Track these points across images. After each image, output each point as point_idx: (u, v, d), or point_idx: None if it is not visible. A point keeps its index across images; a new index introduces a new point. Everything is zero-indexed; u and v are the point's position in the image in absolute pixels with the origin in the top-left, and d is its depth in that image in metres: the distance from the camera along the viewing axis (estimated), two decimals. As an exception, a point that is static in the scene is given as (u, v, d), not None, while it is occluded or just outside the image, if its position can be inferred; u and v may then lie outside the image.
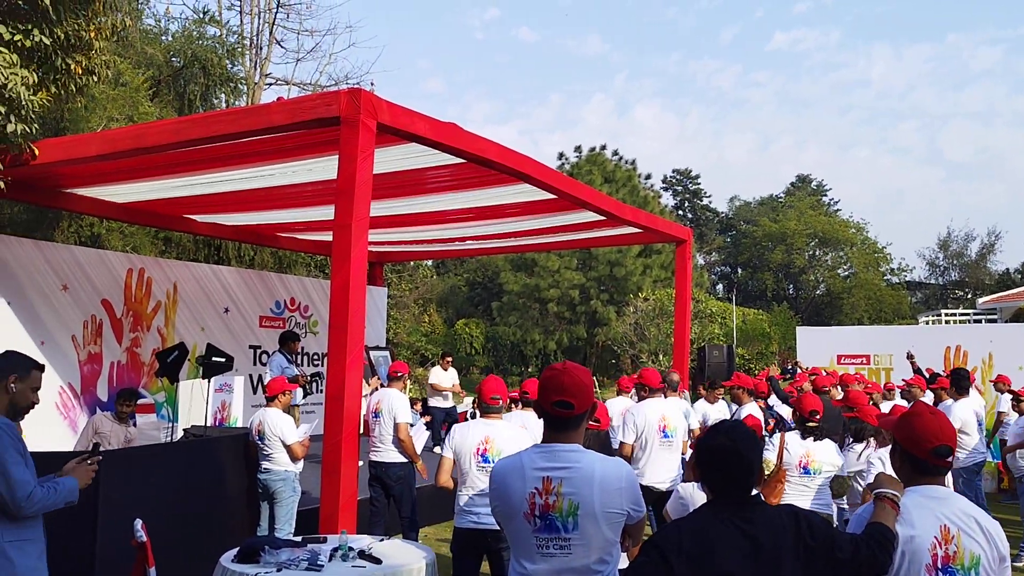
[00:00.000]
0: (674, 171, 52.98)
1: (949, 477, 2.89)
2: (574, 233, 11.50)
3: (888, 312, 38.16)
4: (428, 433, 8.03)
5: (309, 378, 9.85)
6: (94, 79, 7.25)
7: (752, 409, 7.70)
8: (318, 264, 19.71)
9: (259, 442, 6.48)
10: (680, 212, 51.24)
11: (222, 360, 8.94)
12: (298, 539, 4.55)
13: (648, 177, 37.29)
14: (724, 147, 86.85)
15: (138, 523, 4.07)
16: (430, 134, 6.20)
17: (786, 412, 8.30)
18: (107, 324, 10.07)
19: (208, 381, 9.00)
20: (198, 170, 7.75)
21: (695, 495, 4.39)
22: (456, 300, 37.97)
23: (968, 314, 25.40)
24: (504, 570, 4.33)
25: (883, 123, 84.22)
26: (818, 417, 5.35)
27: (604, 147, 33.17)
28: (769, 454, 5.25)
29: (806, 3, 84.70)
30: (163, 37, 18.73)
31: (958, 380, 8.33)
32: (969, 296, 38.27)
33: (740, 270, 49.51)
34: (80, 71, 6.98)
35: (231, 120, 6.31)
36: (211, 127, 6.33)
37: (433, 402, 12.40)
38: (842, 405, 6.38)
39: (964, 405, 8.13)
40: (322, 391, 6.88)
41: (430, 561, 4.15)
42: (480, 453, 4.56)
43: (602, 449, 5.39)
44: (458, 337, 31.83)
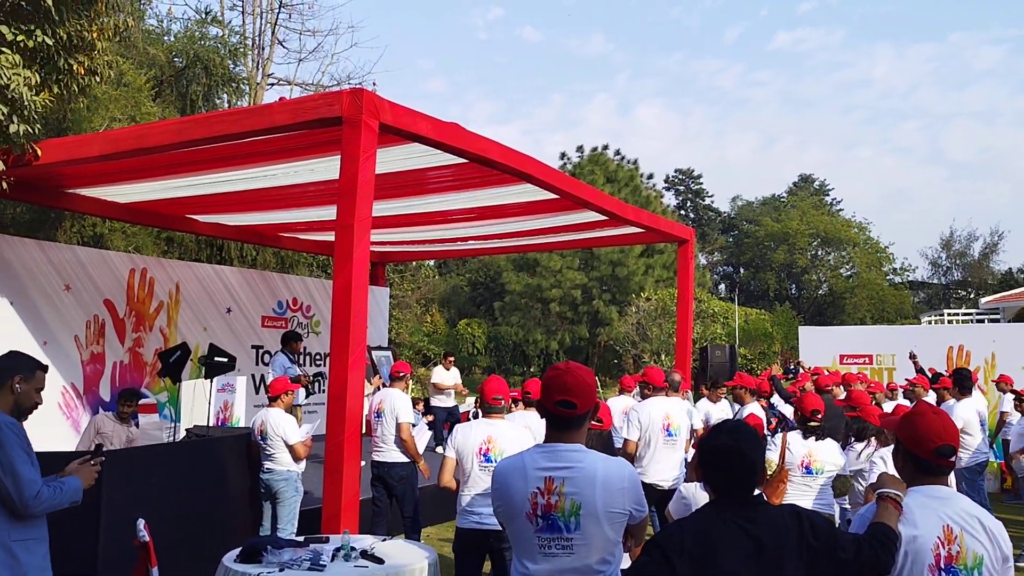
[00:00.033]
0: (676, 171, 53.07)
1: (952, 477, 2.89)
2: (576, 233, 11.50)
3: (891, 312, 38.14)
4: (430, 433, 8.03)
5: (311, 378, 9.86)
6: (96, 79, 7.26)
7: (754, 408, 7.69)
8: (320, 264, 19.72)
9: (261, 442, 6.48)
10: (682, 212, 51.25)
11: (224, 360, 8.96)
12: (300, 539, 4.55)
13: (650, 177, 37.35)
14: (726, 147, 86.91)
15: (141, 523, 4.07)
16: (432, 134, 6.20)
17: (789, 411, 8.29)
18: (110, 324, 10.08)
19: (210, 381, 9.01)
20: (200, 170, 7.76)
21: (698, 495, 4.37)
22: (458, 300, 37.98)
23: (971, 314, 25.37)
24: (506, 570, 4.33)
25: (886, 123, 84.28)
26: (820, 416, 5.34)
27: (606, 147, 33.27)
28: (771, 454, 5.24)
29: (810, 3, 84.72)
30: (165, 37, 18.74)
31: (961, 380, 8.31)
32: (972, 296, 38.21)
33: (742, 270, 49.48)
34: (83, 71, 6.99)
35: (233, 120, 6.31)
36: (213, 127, 6.34)
37: (435, 401, 12.42)
38: (845, 405, 6.37)
39: (967, 405, 8.12)
40: (324, 391, 6.89)
41: (432, 561, 4.15)
42: (482, 453, 4.56)
43: (605, 449, 5.37)
44: (460, 337, 31.83)
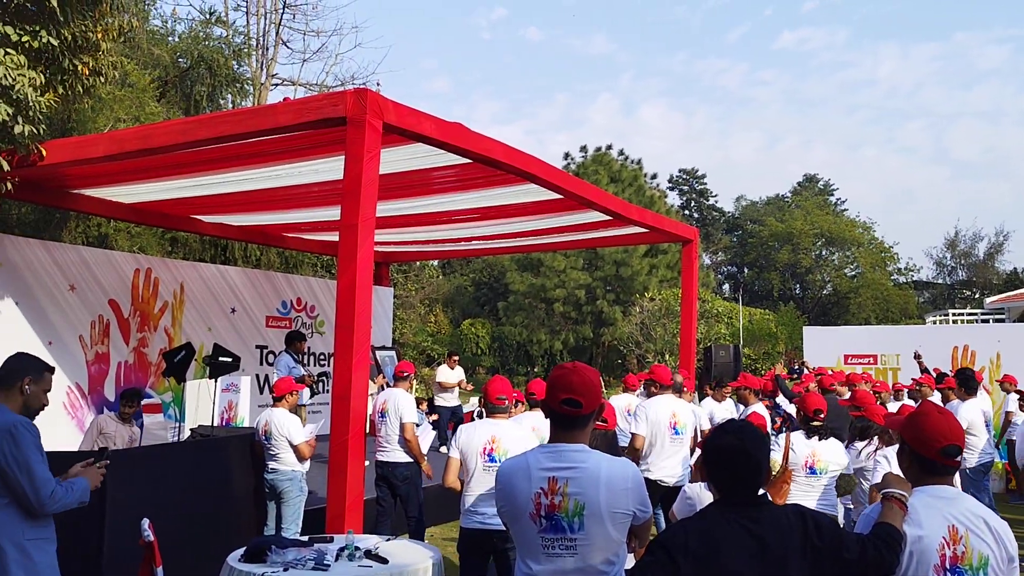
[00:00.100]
0: (680, 171, 53.04)
1: (957, 477, 2.88)
2: (580, 233, 11.49)
3: (895, 312, 38.08)
4: (434, 433, 8.03)
5: (316, 378, 9.86)
6: (101, 80, 7.28)
7: (757, 408, 7.70)
8: (324, 264, 19.74)
9: (265, 442, 6.48)
10: (686, 212, 51.19)
11: (229, 360, 8.96)
12: (305, 539, 4.55)
13: (654, 177, 37.31)
14: (730, 146, 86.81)
15: (145, 523, 4.07)
16: (436, 134, 6.20)
17: (794, 411, 8.28)
18: (114, 324, 10.10)
19: (215, 381, 9.01)
20: (205, 170, 7.77)
21: (702, 495, 4.36)
22: (462, 300, 38.01)
23: (976, 314, 25.33)
24: (510, 570, 4.33)
25: (890, 122, 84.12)
26: (822, 416, 5.33)
27: (610, 147, 33.30)
28: (775, 454, 5.22)
29: (814, 2, 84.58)
30: (170, 38, 18.78)
31: (965, 380, 8.27)
32: (977, 296, 38.13)
33: (746, 270, 49.42)
34: (87, 72, 7.00)
35: (237, 120, 6.31)
36: (218, 128, 6.34)
37: (439, 401, 12.41)
38: (849, 404, 6.36)
39: (971, 406, 8.07)
40: (328, 391, 6.89)
41: (436, 561, 4.15)
42: (486, 453, 4.55)
43: (609, 449, 5.35)
44: (464, 337, 31.83)
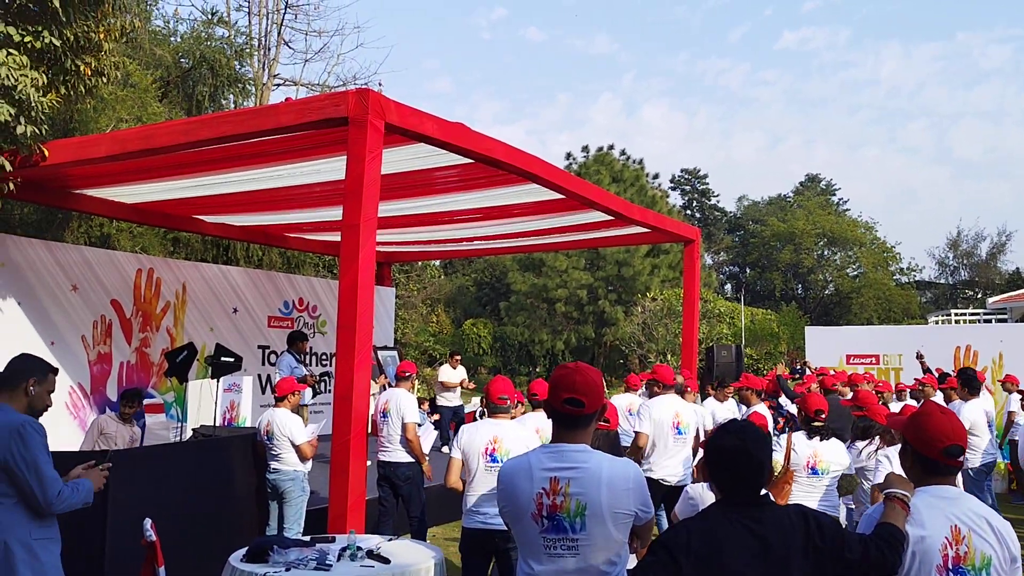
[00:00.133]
0: (682, 171, 53.05)
1: (959, 477, 2.88)
2: (582, 233, 11.49)
3: (897, 312, 38.05)
4: (436, 433, 8.03)
5: (318, 378, 9.86)
6: (103, 80, 7.28)
7: (759, 408, 7.69)
8: (326, 264, 19.74)
9: (267, 442, 6.48)
10: (688, 212, 51.18)
11: (231, 360, 8.96)
12: (307, 539, 4.56)
13: (656, 177, 37.34)
14: (732, 146, 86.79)
15: (147, 522, 4.08)
16: (438, 134, 6.20)
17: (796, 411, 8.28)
18: (117, 324, 10.11)
19: (217, 381, 9.02)
20: (207, 171, 7.77)
21: (704, 496, 4.36)
22: (464, 300, 38.01)
23: (978, 314, 25.31)
24: (512, 570, 4.33)
25: (892, 122, 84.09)
26: (823, 416, 5.32)
27: (612, 147, 33.31)
28: (776, 455, 5.22)
29: (815, 2, 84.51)
30: (172, 38, 18.80)
31: (968, 380, 8.25)
32: (979, 296, 38.11)
33: (748, 270, 49.39)
34: (89, 72, 7.01)
35: (240, 121, 6.32)
36: (220, 128, 6.34)
37: (441, 400, 12.41)
38: (851, 405, 6.36)
39: (974, 406, 8.05)
40: (330, 391, 6.89)
41: (438, 561, 4.15)
42: (488, 453, 4.55)
43: (611, 450, 5.37)
44: (466, 337, 31.83)
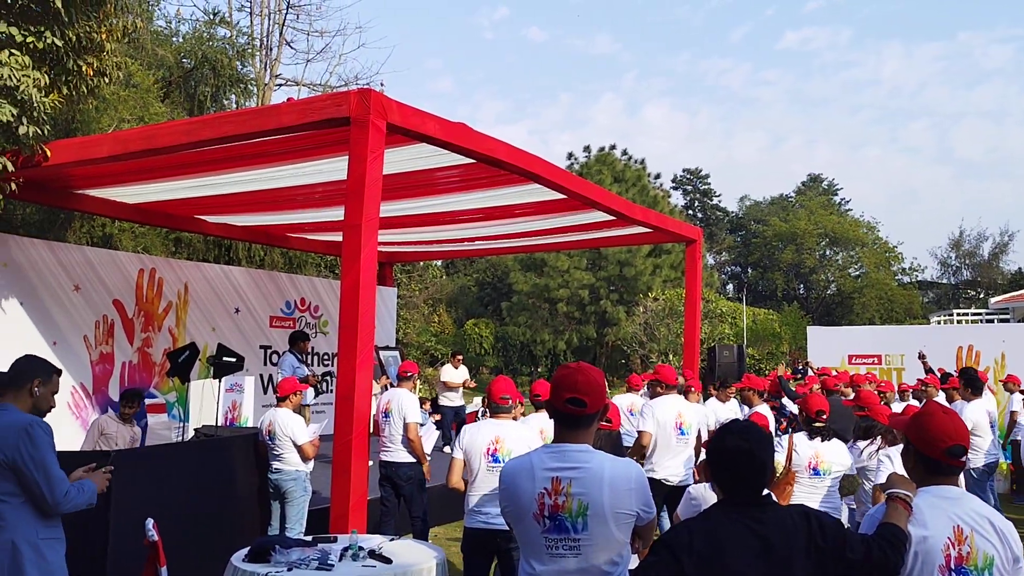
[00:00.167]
0: (684, 170, 53.01)
1: (961, 477, 2.87)
2: (584, 233, 11.48)
3: (900, 312, 38.00)
4: (438, 433, 8.03)
5: (320, 378, 9.88)
6: (105, 80, 7.28)
7: (761, 409, 7.69)
8: (328, 264, 19.75)
9: (269, 442, 6.49)
10: (690, 212, 51.16)
11: (233, 360, 8.98)
12: (309, 539, 4.56)
13: (658, 177, 37.32)
14: (734, 146, 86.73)
15: (150, 523, 4.08)
16: (440, 134, 6.20)
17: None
18: (119, 324, 10.12)
19: (219, 381, 9.04)
20: (209, 171, 7.77)
21: (707, 496, 4.36)
22: (466, 300, 38.00)
23: (980, 314, 25.28)
24: (514, 570, 4.33)
25: (894, 122, 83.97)
26: (825, 417, 5.32)
27: (614, 147, 33.26)
28: (778, 455, 5.22)
29: (817, 1, 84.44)
30: (174, 38, 18.79)
31: (970, 380, 8.25)
32: (981, 296, 38.04)
33: (750, 270, 49.37)
34: (91, 72, 7.01)
35: (241, 121, 6.32)
36: (222, 128, 6.34)
37: (443, 400, 12.42)
38: (853, 405, 6.35)
39: (976, 406, 8.05)
40: (332, 391, 6.89)
41: (440, 561, 4.15)
42: (490, 453, 4.56)
43: (614, 450, 5.38)
44: (468, 337, 31.82)
